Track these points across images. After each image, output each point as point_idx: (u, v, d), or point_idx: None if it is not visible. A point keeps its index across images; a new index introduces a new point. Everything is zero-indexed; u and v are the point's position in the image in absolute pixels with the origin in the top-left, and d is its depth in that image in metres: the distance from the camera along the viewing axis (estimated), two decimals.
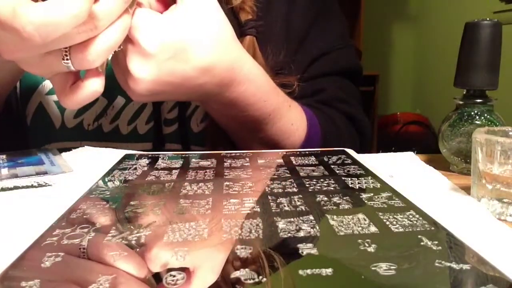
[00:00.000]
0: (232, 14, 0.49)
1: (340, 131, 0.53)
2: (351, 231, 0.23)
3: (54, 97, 0.50)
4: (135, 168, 0.36)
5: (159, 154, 0.41)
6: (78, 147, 0.49)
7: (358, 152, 0.42)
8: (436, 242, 0.22)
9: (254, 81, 0.42)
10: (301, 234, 0.23)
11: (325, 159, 0.38)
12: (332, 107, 0.54)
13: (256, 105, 0.42)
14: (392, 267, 0.19)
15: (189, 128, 0.52)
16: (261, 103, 0.43)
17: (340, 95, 0.55)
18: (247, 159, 0.38)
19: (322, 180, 0.32)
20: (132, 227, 0.24)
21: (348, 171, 0.34)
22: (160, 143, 0.51)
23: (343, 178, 0.33)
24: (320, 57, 0.54)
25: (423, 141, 2.20)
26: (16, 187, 0.34)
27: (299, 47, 0.53)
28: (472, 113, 0.40)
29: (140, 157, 0.40)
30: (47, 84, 0.50)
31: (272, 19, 0.52)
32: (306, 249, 0.21)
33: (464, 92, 0.41)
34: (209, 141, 0.51)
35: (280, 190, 0.30)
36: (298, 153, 0.40)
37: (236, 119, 0.44)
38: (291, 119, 0.47)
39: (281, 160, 0.38)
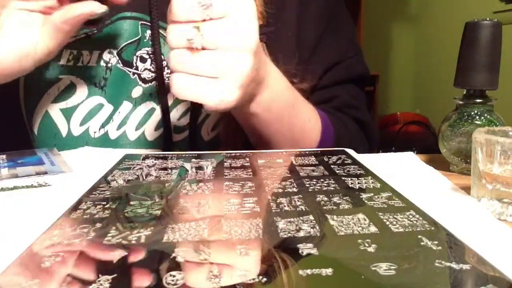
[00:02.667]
0: None
1: (352, 134, 0.54)
2: (351, 231, 0.23)
3: (60, 105, 0.49)
4: (135, 168, 0.36)
5: (159, 154, 0.41)
6: None
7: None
8: (436, 242, 0.22)
9: (275, 71, 0.43)
10: (301, 234, 0.23)
11: (325, 159, 0.38)
12: (344, 113, 0.56)
13: (282, 93, 0.44)
14: (392, 267, 0.19)
15: (199, 136, 0.51)
16: (286, 92, 0.44)
17: (351, 102, 0.57)
18: (247, 159, 0.38)
19: (322, 180, 0.32)
20: (132, 227, 0.24)
21: (348, 171, 0.34)
22: (169, 150, 0.51)
23: (343, 178, 0.33)
24: (333, 66, 0.55)
25: (423, 141, 2.19)
26: (16, 187, 0.34)
27: (311, 56, 0.54)
28: (472, 113, 0.40)
29: (140, 157, 0.40)
30: (52, 92, 0.49)
31: (283, 26, 0.52)
32: (306, 249, 0.21)
33: (464, 92, 0.41)
34: (222, 146, 0.51)
35: (280, 190, 0.30)
36: (298, 153, 0.40)
37: (265, 109, 0.44)
38: (308, 115, 0.48)
39: (281, 160, 0.38)
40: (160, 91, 0.50)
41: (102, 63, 0.50)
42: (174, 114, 0.51)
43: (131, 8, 0.50)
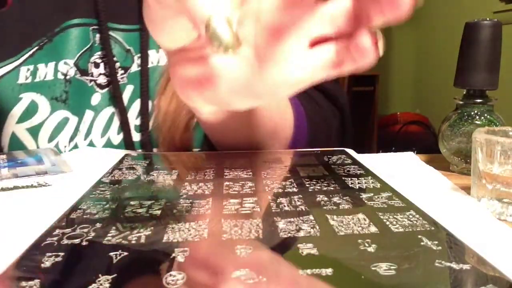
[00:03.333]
0: None
1: (322, 109, 0.52)
2: (351, 231, 0.23)
3: (25, 125, 0.49)
4: (135, 168, 0.36)
5: (158, 154, 0.41)
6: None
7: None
8: (436, 242, 0.22)
9: None
10: (301, 234, 0.23)
11: (325, 159, 0.38)
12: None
13: None
14: (392, 267, 0.19)
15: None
16: None
17: None
18: (247, 159, 0.38)
19: (322, 180, 0.32)
20: (132, 227, 0.24)
21: (348, 171, 0.34)
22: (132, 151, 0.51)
23: (343, 178, 0.33)
24: None
25: (423, 141, 2.20)
26: (16, 187, 0.34)
27: None
28: (472, 113, 0.40)
29: (139, 157, 0.40)
30: (15, 113, 0.48)
31: None
32: (306, 249, 0.21)
33: (464, 92, 0.41)
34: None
35: (280, 190, 0.30)
36: (298, 153, 0.40)
37: None
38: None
39: (281, 160, 0.38)
40: (115, 93, 0.50)
41: (60, 76, 0.49)
42: (132, 114, 0.51)
43: (79, 14, 0.50)
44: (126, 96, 0.51)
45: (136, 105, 0.51)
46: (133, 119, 0.51)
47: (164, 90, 0.48)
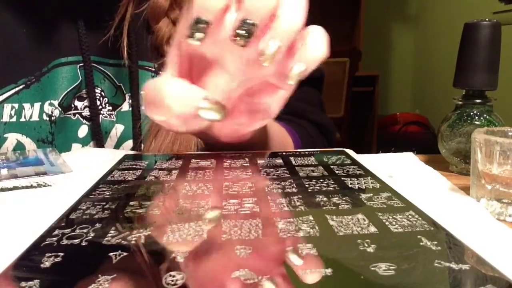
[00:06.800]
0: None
1: (314, 140, 0.55)
2: (350, 231, 0.23)
3: None
4: (135, 169, 0.36)
5: (158, 154, 0.41)
6: None
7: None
8: (436, 242, 0.22)
9: None
10: (301, 234, 0.23)
11: (325, 159, 0.38)
12: (299, 117, 0.56)
13: None
14: (391, 267, 0.19)
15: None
16: None
17: (302, 106, 0.56)
18: (247, 159, 0.38)
19: (321, 180, 0.32)
20: (132, 227, 0.24)
21: (348, 171, 0.34)
22: None
23: (342, 178, 0.33)
24: None
25: (422, 141, 2.20)
26: (15, 188, 0.34)
27: None
28: (472, 113, 0.41)
29: (139, 157, 0.40)
30: (2, 153, 0.47)
31: None
32: (305, 249, 0.21)
33: (464, 93, 0.42)
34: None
35: (280, 190, 0.30)
36: (297, 153, 0.41)
37: None
38: (276, 127, 0.48)
39: (281, 160, 0.38)
40: (95, 128, 0.50)
41: (45, 117, 0.49)
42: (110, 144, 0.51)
43: (66, 53, 0.49)
44: (114, 134, 0.51)
45: (127, 146, 0.51)
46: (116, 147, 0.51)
47: (156, 133, 0.48)
